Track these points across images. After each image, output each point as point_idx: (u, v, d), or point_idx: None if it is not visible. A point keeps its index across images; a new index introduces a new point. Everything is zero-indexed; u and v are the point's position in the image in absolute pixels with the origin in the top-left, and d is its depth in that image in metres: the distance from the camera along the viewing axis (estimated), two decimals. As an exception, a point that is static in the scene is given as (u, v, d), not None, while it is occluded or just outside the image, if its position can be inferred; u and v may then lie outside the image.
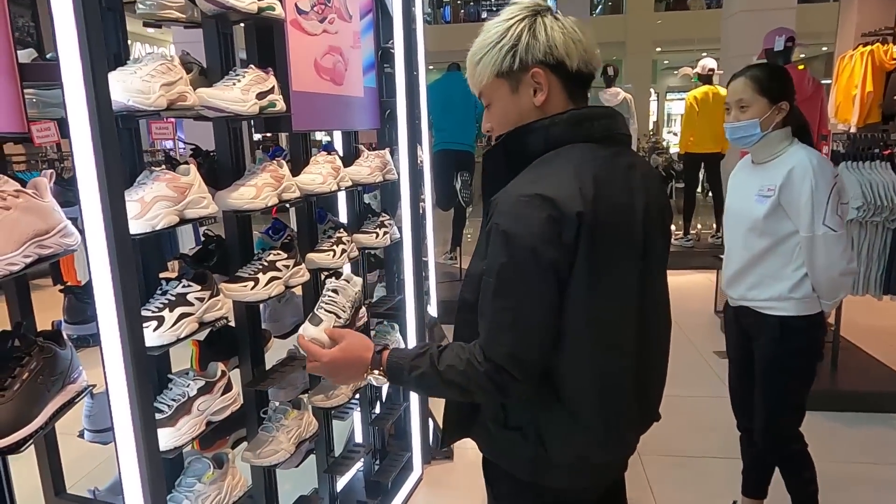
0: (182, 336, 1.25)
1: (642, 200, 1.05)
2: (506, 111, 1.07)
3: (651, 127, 16.35)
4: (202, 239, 1.63)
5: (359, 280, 1.86)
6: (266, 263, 1.57)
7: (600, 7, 19.10)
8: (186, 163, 1.32)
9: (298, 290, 1.93)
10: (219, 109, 1.36)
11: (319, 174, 1.80)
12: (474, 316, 1.01)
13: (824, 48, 13.16)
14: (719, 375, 3.58)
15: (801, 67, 4.35)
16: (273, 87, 1.54)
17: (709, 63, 5.90)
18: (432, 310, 4.16)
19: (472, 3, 19.91)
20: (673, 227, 6.53)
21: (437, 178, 4.73)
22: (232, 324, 1.67)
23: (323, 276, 2.08)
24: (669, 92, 20.64)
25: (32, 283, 1.26)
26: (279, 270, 1.59)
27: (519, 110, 1.05)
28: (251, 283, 1.50)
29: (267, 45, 1.67)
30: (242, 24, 1.64)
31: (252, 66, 1.49)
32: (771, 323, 1.88)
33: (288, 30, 1.68)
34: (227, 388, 1.40)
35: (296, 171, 1.84)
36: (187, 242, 3.94)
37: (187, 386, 1.31)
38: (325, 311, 1.61)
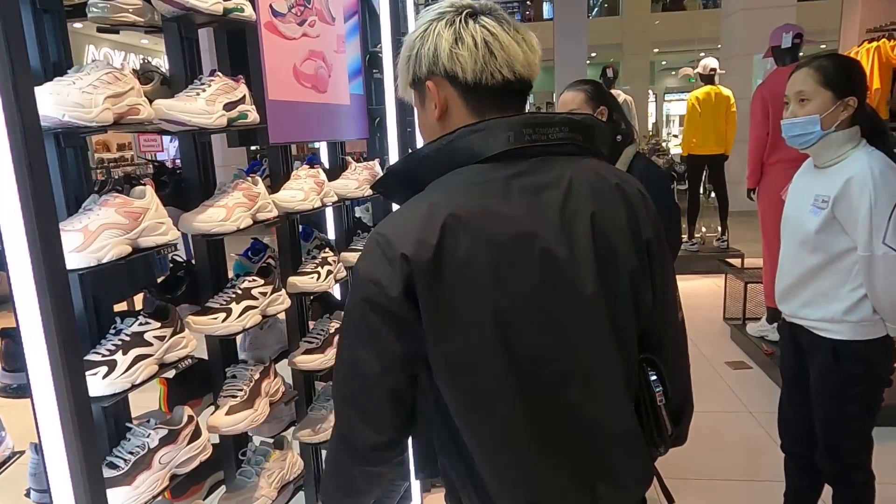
0: (138, 381, 1.10)
1: (544, 239, 0.83)
2: (420, 123, 0.96)
3: (650, 128, 16.24)
4: (170, 265, 1.48)
5: None
6: (240, 291, 1.41)
7: (596, 9, 19.01)
8: (142, 184, 1.17)
9: (282, 315, 1.78)
10: (180, 123, 1.21)
11: (301, 190, 1.65)
12: None
13: (823, 45, 13.06)
14: (733, 389, 3.42)
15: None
16: (244, 96, 1.39)
17: (710, 62, 5.75)
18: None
19: (467, 8, 19.80)
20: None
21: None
22: (205, 357, 1.52)
23: (309, 301, 1.93)
24: (668, 93, 20.55)
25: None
26: (255, 299, 1.44)
27: (427, 124, 0.93)
28: (222, 315, 1.35)
29: (238, 50, 1.52)
30: (211, 29, 1.50)
31: (219, 73, 1.34)
32: (825, 346, 1.68)
33: (262, 33, 1.53)
34: (195, 435, 1.24)
35: (276, 187, 1.69)
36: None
37: (147, 436, 1.16)
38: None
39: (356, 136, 2.11)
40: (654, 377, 0.92)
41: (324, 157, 2.10)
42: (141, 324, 1.14)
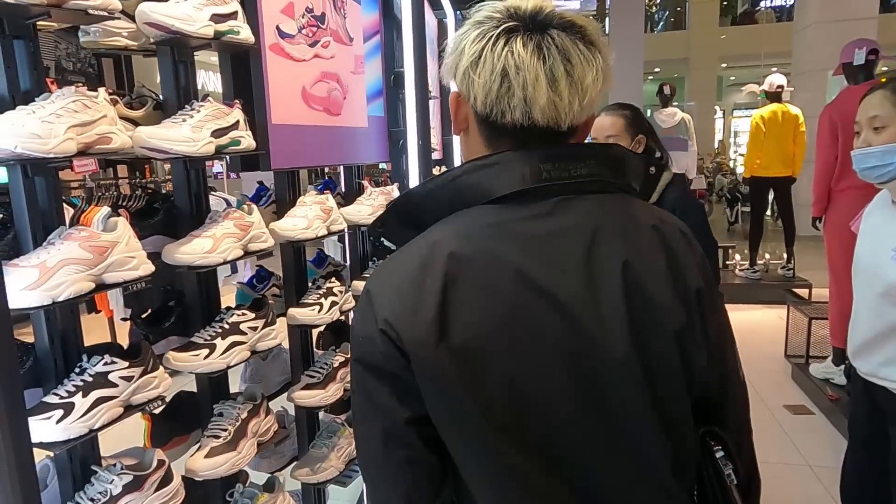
0: (98, 426, 1.04)
1: (549, 283, 0.70)
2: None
3: (717, 146, 15.57)
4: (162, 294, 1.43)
5: None
6: (227, 326, 1.34)
7: (662, 24, 18.50)
8: (118, 214, 1.11)
9: (286, 344, 1.71)
10: (161, 151, 1.16)
11: (304, 217, 1.57)
12: None
13: (910, 60, 12.21)
14: (792, 437, 3.10)
15: (883, 81, 3.85)
16: (237, 122, 1.33)
17: (777, 79, 5.39)
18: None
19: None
20: (738, 257, 6.00)
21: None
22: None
23: (320, 329, 1.85)
24: (736, 109, 19.70)
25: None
26: (243, 334, 1.36)
27: (464, 144, 0.82)
28: (205, 351, 1.28)
29: (241, 73, 1.47)
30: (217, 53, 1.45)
31: (210, 98, 1.28)
32: None
33: (266, 56, 1.47)
34: (165, 480, 1.17)
35: (281, 213, 1.62)
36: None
37: (110, 482, 1.09)
38: None
39: (374, 160, 2.03)
40: (720, 454, 0.77)
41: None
42: (106, 363, 1.07)
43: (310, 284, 1.71)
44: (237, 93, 1.48)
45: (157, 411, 1.33)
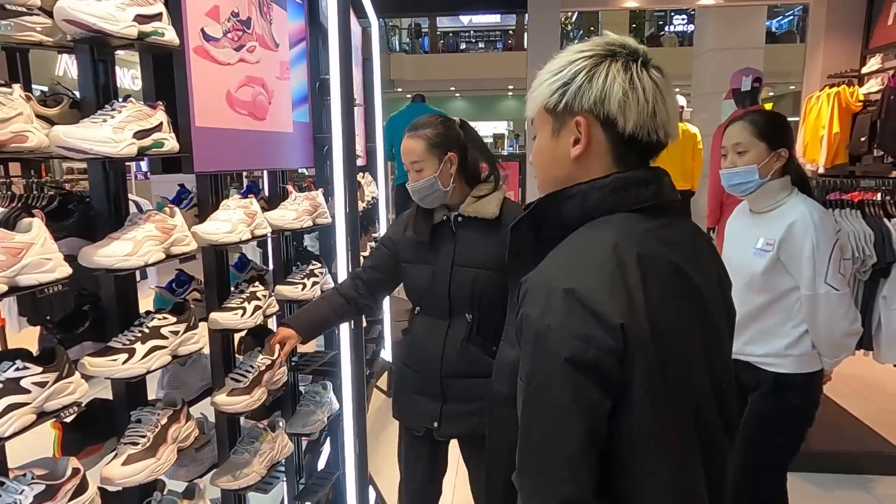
0: (7, 434, 1.00)
1: (698, 279, 0.90)
2: (542, 150, 0.95)
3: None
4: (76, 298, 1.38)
5: None
6: (147, 330, 1.32)
7: (577, 40, 19.37)
8: (32, 214, 1.08)
9: (206, 349, 1.68)
10: (80, 151, 1.13)
11: (227, 221, 1.57)
12: (510, 412, 0.90)
13: (792, 87, 13.43)
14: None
15: (768, 107, 4.28)
16: (161, 123, 1.32)
17: (678, 101, 5.83)
18: (386, 353, 3.92)
19: (451, 35, 20.06)
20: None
21: (400, 212, 4.53)
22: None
23: (238, 336, 1.84)
24: (643, 125, 20.91)
25: None
26: (164, 338, 1.34)
27: (554, 156, 0.93)
28: (123, 356, 1.25)
29: (164, 74, 1.45)
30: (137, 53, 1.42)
31: (132, 99, 1.26)
32: (767, 377, 1.82)
33: (190, 58, 1.46)
34: (80, 489, 1.14)
35: (203, 217, 1.61)
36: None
37: (20, 492, 1.05)
38: None
39: (298, 165, 2.04)
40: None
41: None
42: (17, 369, 1.04)
43: (232, 289, 1.70)
44: (159, 94, 1.46)
45: (69, 419, 1.29)
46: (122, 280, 1.35)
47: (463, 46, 19.93)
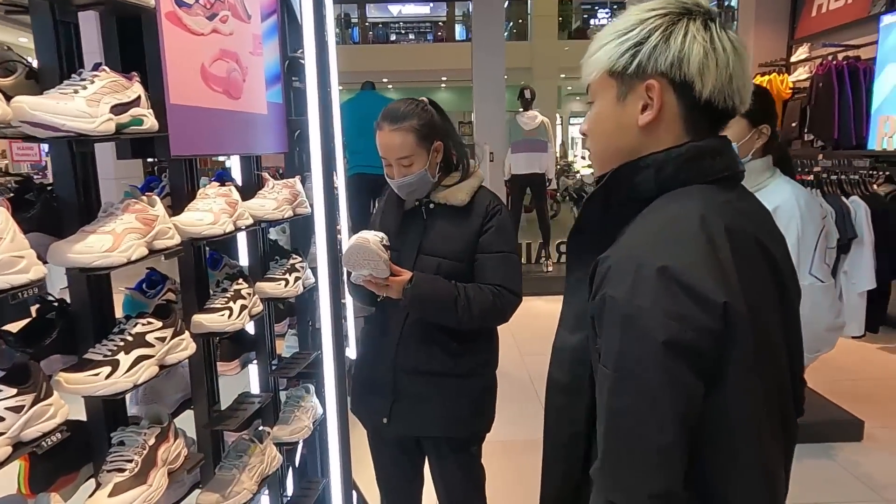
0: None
1: (774, 251, 0.86)
2: (603, 118, 0.87)
3: (558, 150, 16.81)
4: (37, 304, 1.17)
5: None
6: (131, 338, 1.14)
7: (507, 33, 19.55)
8: (-5, 205, 0.89)
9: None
10: (50, 127, 0.94)
11: (209, 211, 1.39)
12: (569, 400, 0.90)
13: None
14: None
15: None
16: (139, 97, 1.13)
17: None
18: (350, 352, 3.75)
19: (380, 25, 19.75)
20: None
21: (352, 205, 4.37)
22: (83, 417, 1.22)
23: (217, 339, 1.65)
24: (573, 117, 21.46)
25: None
26: (150, 346, 1.16)
27: (618, 123, 0.85)
28: (106, 369, 1.07)
29: (132, 42, 1.26)
30: (96, 13, 1.22)
31: (105, 68, 1.08)
32: None
33: (163, 24, 1.27)
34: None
35: (178, 208, 1.42)
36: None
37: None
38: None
39: (274, 150, 1.87)
40: None
41: (235, 174, 1.84)
42: (-14, 392, 0.85)
43: (213, 287, 1.52)
44: (125, 68, 1.26)
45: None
46: (97, 281, 1.16)
47: (393, 38, 19.72)
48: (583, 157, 15.87)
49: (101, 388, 1.06)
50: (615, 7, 19.49)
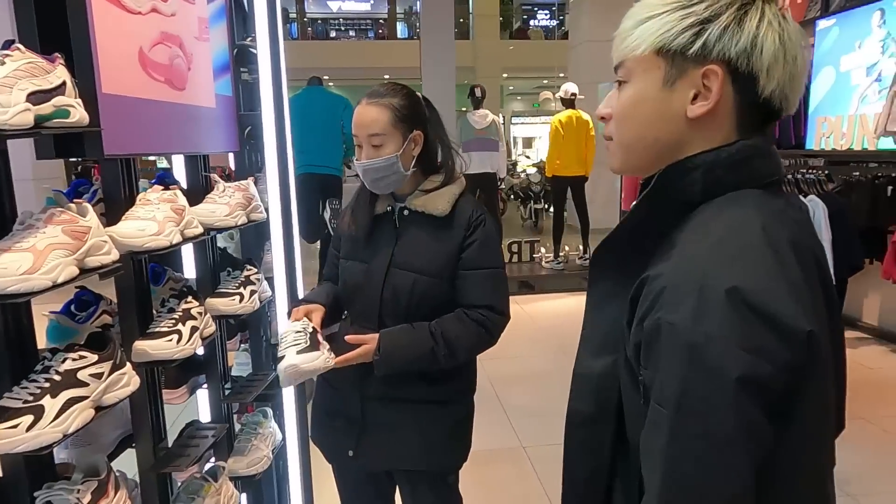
0: None
1: (825, 266, 0.76)
2: (641, 103, 0.73)
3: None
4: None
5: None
6: (59, 376, 0.93)
7: (448, 32, 19.50)
8: None
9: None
10: (-54, 118, 0.73)
11: (153, 220, 1.19)
12: (592, 432, 0.80)
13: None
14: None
15: None
16: (63, 84, 0.93)
17: (571, 87, 5.95)
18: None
19: (319, 22, 19.28)
20: (543, 251, 6.50)
21: (300, 206, 4.13)
22: None
23: (161, 369, 1.44)
24: (515, 116, 21.66)
25: None
26: (83, 385, 0.96)
27: (660, 111, 0.72)
28: (27, 419, 0.86)
29: (54, 17, 1.04)
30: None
31: (20, 47, 0.87)
32: None
33: (92, -1, 1.07)
34: None
35: (113, 217, 1.21)
36: None
37: None
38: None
39: (224, 149, 1.66)
40: None
41: (179, 175, 1.63)
42: None
43: (157, 307, 1.31)
44: (46, 50, 1.05)
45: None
46: (13, 310, 0.94)
47: (333, 34, 19.30)
48: (527, 157, 16.01)
49: (22, 444, 0.85)
50: (554, 8, 19.84)
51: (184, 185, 1.60)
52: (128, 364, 1.10)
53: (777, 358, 0.60)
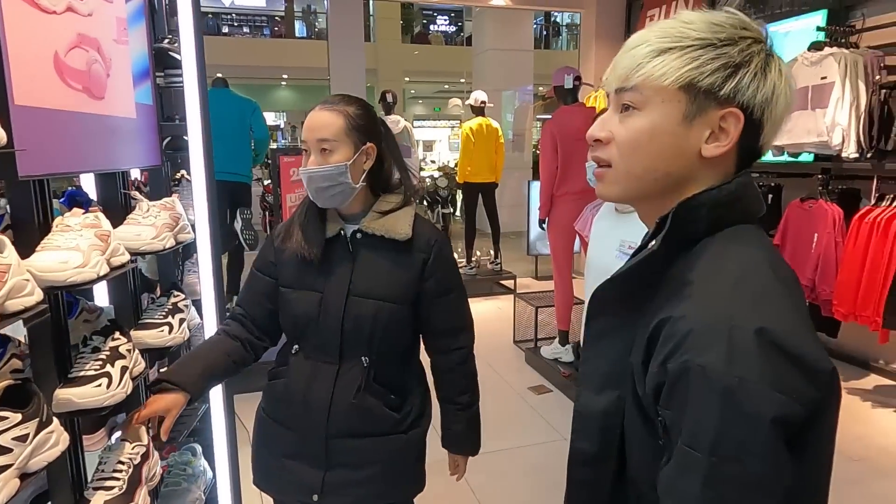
0: None
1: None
2: (657, 136, 0.72)
3: (406, 153, 16.88)
4: None
5: None
6: (-24, 446, 0.78)
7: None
8: None
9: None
10: None
11: (76, 250, 1.04)
12: (595, 471, 0.80)
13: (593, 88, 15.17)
14: (543, 416, 3.47)
15: (590, 105, 4.64)
16: (-23, 97, 0.78)
17: (480, 95, 6.04)
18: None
19: (210, 16, 18.25)
20: (456, 256, 6.53)
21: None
22: None
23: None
24: (416, 120, 21.75)
25: None
26: (6, 452, 0.81)
27: (676, 147, 0.72)
28: (-58, 504, 0.71)
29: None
30: None
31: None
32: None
33: (1, -6, 0.91)
34: None
35: (26, 247, 1.04)
36: None
37: None
38: None
39: (146, 163, 1.50)
40: None
41: (91, 192, 1.45)
42: None
43: (80, 348, 1.15)
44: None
45: None
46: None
47: (226, 30, 18.37)
48: (432, 161, 16.08)
49: (-66, 534, 0.70)
50: (453, 14, 20.13)
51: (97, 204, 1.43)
52: (55, 420, 0.95)
53: (804, 397, 0.62)
